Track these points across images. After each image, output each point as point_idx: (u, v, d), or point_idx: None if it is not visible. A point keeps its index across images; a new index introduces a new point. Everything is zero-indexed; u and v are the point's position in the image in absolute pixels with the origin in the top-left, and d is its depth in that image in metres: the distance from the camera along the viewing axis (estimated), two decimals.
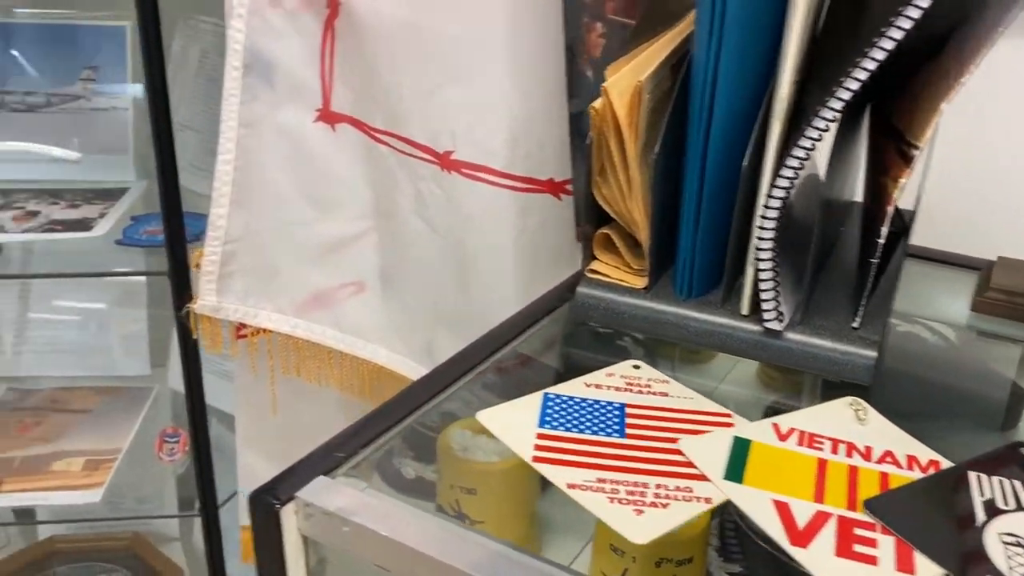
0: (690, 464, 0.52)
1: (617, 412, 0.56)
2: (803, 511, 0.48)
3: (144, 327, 1.33)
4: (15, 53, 1.22)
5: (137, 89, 1.22)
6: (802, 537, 0.46)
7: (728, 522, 0.62)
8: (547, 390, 0.58)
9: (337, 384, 0.88)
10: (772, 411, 0.67)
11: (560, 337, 0.75)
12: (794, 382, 0.72)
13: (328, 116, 0.79)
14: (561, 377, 0.77)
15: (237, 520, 1.14)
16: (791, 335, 0.61)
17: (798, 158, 0.56)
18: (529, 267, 0.76)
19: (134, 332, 1.33)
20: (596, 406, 0.57)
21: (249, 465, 0.96)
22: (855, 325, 0.61)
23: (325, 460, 0.51)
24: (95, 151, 1.22)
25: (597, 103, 0.62)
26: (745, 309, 0.62)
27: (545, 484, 0.73)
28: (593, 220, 0.66)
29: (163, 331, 1.35)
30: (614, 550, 0.62)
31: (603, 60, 1.01)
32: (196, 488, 1.39)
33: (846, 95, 0.54)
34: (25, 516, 1.44)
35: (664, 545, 0.54)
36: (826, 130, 0.55)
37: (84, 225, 1.09)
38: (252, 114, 0.78)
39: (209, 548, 1.11)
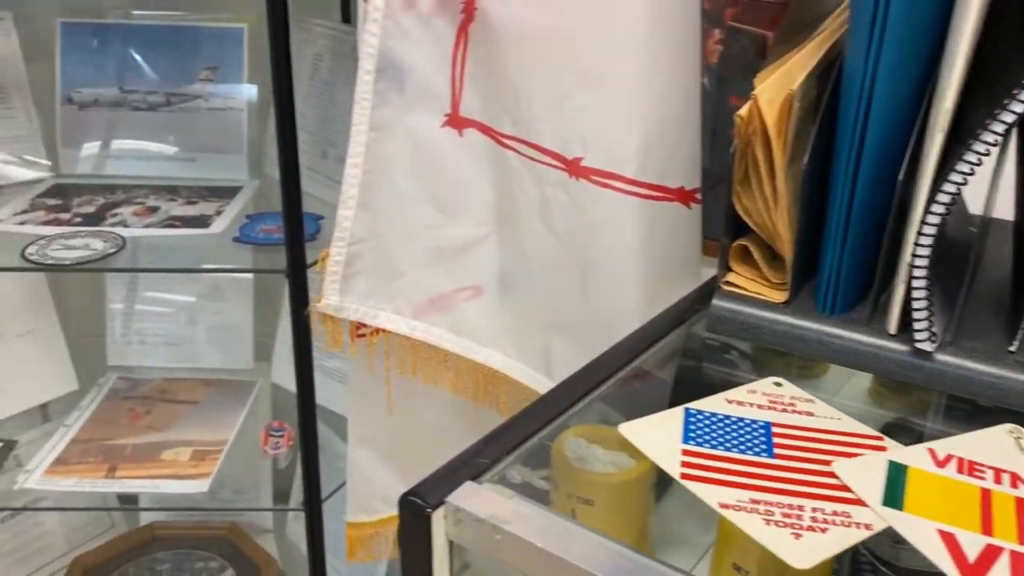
0: (845, 488, 0.50)
1: (763, 431, 0.55)
2: (972, 543, 0.45)
3: (250, 322, 1.36)
4: (135, 54, 1.26)
5: (252, 90, 1.25)
6: (974, 572, 0.44)
7: (859, 550, 0.60)
8: (688, 405, 0.57)
9: (451, 387, 0.88)
10: (892, 428, 0.65)
11: (669, 348, 0.74)
12: (911, 400, 0.69)
13: (456, 121, 0.79)
14: (676, 389, 0.76)
15: (337, 516, 1.15)
16: (941, 357, 0.59)
17: (962, 173, 0.54)
18: (654, 276, 0.75)
19: (240, 327, 1.36)
20: (740, 424, 0.55)
21: (358, 463, 0.97)
22: (1012, 348, 0.58)
23: (470, 466, 0.51)
24: (210, 150, 1.26)
25: (743, 111, 0.60)
26: (893, 328, 0.60)
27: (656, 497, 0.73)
28: (731, 231, 0.65)
29: (268, 327, 1.38)
30: (736, 568, 0.60)
31: (719, 67, 0.99)
32: (297, 483, 1.42)
33: (1020, 108, 0.51)
34: (128, 501, 1.49)
35: (789, 568, 0.53)
36: (995, 144, 0.53)
37: (202, 222, 1.12)
38: (382, 118, 0.79)
39: (311, 543, 1.12)
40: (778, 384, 0.60)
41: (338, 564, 1.22)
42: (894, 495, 0.49)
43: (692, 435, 0.54)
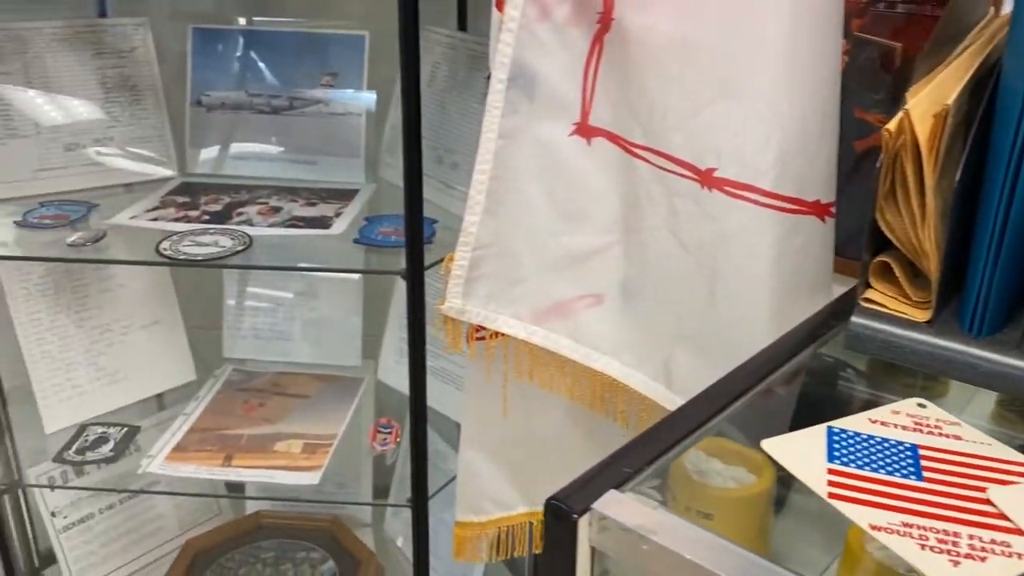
0: (1002, 516, 0.48)
1: (909, 453, 0.54)
2: None
3: (359, 321, 1.40)
4: (261, 59, 1.31)
5: (371, 96, 1.29)
6: None
7: None
8: (830, 424, 0.56)
9: (567, 393, 0.89)
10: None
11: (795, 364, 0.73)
12: None
13: (585, 130, 0.80)
14: (797, 405, 0.75)
15: (435, 514, 1.17)
16: None
17: None
18: (784, 290, 0.74)
19: (349, 326, 1.40)
20: (886, 445, 0.54)
21: (470, 464, 0.99)
22: None
23: (613, 474, 0.51)
24: (329, 153, 1.29)
25: (892, 125, 0.59)
26: None
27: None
28: (872, 246, 0.64)
29: (374, 326, 1.42)
30: None
31: (844, 78, 0.98)
32: (397, 479, 1.45)
33: None
34: (235, 489, 1.55)
35: None
36: None
37: (323, 223, 1.16)
38: (511, 126, 0.80)
39: (416, 540, 1.15)
40: (922, 405, 0.59)
41: (434, 561, 1.24)
42: None
43: (837, 454, 0.53)
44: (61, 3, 1.31)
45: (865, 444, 0.54)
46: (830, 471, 0.52)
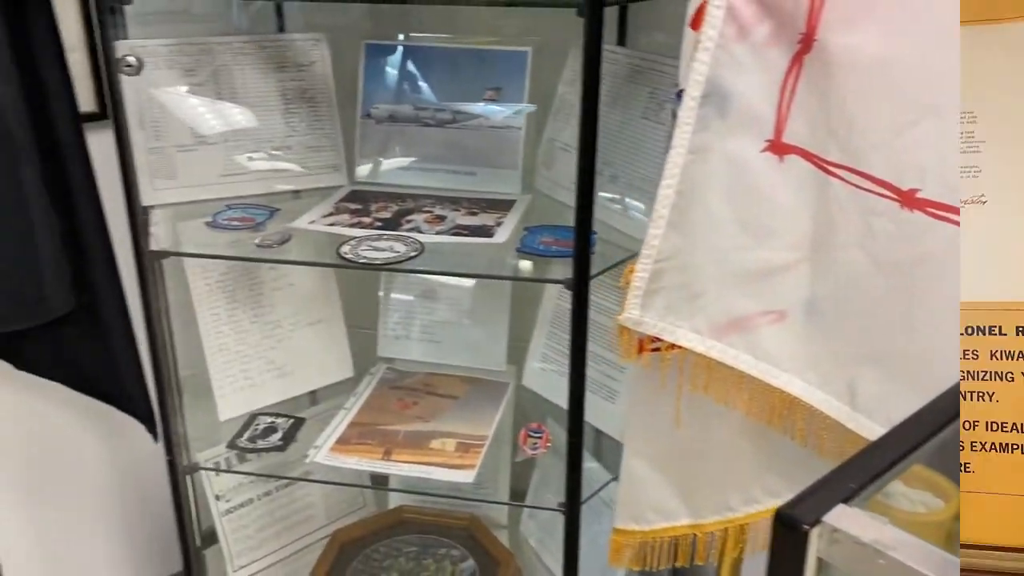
0: None
1: None
2: None
3: (506, 327, 1.44)
4: (429, 74, 1.36)
5: (530, 111, 1.32)
6: None
7: None
8: None
9: (744, 408, 0.89)
10: None
11: None
12: None
13: (778, 147, 0.81)
14: None
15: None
16: None
17: None
18: None
19: (496, 331, 1.44)
20: None
21: (634, 473, 1.01)
22: None
23: (839, 489, 0.52)
24: (488, 165, 1.34)
25: None
26: None
27: None
28: None
29: (518, 331, 1.45)
30: None
31: None
32: (534, 482, 1.48)
33: None
34: (379, 482, 1.60)
35: None
36: None
37: (486, 231, 1.20)
38: (701, 142, 0.82)
39: (569, 543, 1.17)
40: None
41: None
42: None
43: None
44: (244, 19, 1.40)
45: None
46: None
